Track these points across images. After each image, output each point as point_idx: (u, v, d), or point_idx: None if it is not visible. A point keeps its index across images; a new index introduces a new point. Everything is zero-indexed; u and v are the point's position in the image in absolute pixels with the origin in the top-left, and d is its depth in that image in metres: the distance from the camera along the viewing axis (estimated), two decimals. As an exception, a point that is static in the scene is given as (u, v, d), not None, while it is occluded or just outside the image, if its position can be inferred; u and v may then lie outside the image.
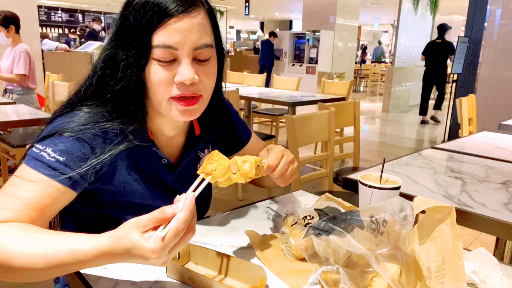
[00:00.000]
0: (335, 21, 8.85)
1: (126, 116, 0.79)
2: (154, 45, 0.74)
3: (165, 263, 0.59)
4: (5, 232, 0.64)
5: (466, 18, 5.56)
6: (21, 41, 3.70)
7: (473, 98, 3.13)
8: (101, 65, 0.79)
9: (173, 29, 0.73)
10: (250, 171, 0.75)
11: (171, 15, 0.73)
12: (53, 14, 15.37)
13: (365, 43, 20.38)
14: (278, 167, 0.84)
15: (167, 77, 0.75)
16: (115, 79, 0.77)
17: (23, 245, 0.62)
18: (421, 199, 0.61)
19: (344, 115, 2.32)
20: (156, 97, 0.78)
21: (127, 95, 0.77)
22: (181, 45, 0.74)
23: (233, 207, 1.01)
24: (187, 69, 0.75)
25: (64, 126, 0.76)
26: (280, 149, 0.88)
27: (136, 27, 0.74)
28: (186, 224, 0.58)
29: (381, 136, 6.20)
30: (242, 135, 1.07)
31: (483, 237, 2.63)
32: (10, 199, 0.68)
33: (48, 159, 0.71)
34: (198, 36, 0.75)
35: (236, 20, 22.41)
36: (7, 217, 0.67)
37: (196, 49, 0.76)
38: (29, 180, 0.70)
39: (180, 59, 0.75)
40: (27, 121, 2.49)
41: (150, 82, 0.76)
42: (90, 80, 0.81)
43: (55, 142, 0.73)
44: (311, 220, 0.77)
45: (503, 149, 1.71)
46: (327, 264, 0.60)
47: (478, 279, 0.69)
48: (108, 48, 0.79)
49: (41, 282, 0.68)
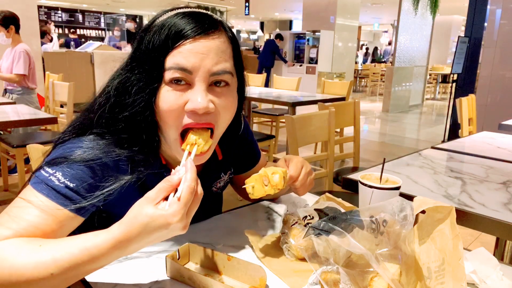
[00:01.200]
0: (335, 21, 8.84)
1: (137, 145, 0.74)
2: (167, 67, 0.69)
3: (186, 226, 0.59)
4: (8, 245, 0.61)
5: (466, 18, 5.56)
6: (21, 41, 3.70)
7: (473, 98, 3.13)
8: (114, 91, 0.74)
9: (188, 50, 0.68)
10: (280, 183, 0.78)
11: (188, 36, 0.68)
12: (53, 14, 15.37)
13: (365, 42, 20.38)
14: (299, 177, 0.86)
15: (178, 104, 0.69)
16: (126, 104, 0.72)
17: (30, 255, 0.59)
18: (421, 199, 0.61)
19: (344, 115, 2.32)
20: (165, 129, 0.73)
21: (138, 122, 0.72)
22: (196, 68, 0.68)
23: (233, 207, 1.01)
24: (201, 96, 0.69)
25: (75, 151, 0.71)
26: (300, 160, 0.90)
27: (150, 49, 0.70)
28: (196, 182, 0.58)
29: (381, 136, 6.20)
30: (256, 154, 1.06)
31: (483, 237, 2.62)
32: (14, 221, 0.64)
33: (57, 184, 0.67)
34: (216, 61, 0.70)
35: (236, 20, 22.39)
36: (10, 236, 0.63)
37: (212, 75, 0.70)
38: (36, 204, 0.65)
39: (194, 84, 0.69)
40: (27, 121, 2.49)
41: (161, 108, 0.70)
42: (102, 106, 0.75)
43: (65, 167, 0.69)
44: (311, 220, 0.77)
45: (503, 149, 1.71)
46: (327, 264, 0.60)
47: (478, 279, 0.69)
48: (123, 73, 0.74)
49: None
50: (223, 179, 0.97)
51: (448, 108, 5.63)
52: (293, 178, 0.85)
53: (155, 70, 0.69)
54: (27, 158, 2.76)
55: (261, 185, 0.78)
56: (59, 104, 3.66)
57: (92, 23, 16.44)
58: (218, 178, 0.95)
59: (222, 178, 0.96)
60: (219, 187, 0.98)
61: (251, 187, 0.78)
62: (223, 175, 0.96)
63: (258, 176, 0.78)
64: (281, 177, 0.78)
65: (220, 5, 14.05)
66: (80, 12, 16.09)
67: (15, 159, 2.75)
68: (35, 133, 3.41)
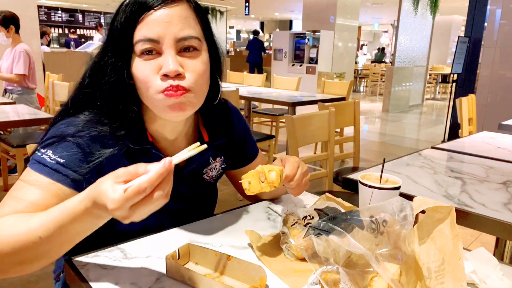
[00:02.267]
0: (335, 21, 8.84)
1: (121, 119, 0.80)
2: (135, 41, 0.74)
3: (126, 218, 0.58)
4: (6, 220, 0.66)
5: (466, 18, 5.56)
6: (21, 41, 3.70)
7: (473, 98, 3.13)
8: (89, 72, 0.81)
9: (152, 21, 0.73)
10: (276, 180, 0.78)
11: (150, 8, 0.73)
12: (53, 14, 15.37)
13: (365, 42, 20.37)
14: (295, 177, 0.87)
15: (152, 71, 0.75)
16: (103, 82, 0.78)
17: (22, 223, 0.64)
18: (421, 199, 0.61)
19: (344, 115, 2.32)
20: (146, 96, 0.77)
21: (117, 97, 0.78)
22: (162, 36, 0.73)
23: (233, 207, 1.01)
24: (171, 60, 0.73)
25: (64, 131, 0.77)
26: (296, 160, 0.91)
27: (119, 28, 0.75)
28: (150, 185, 0.56)
29: (381, 136, 6.20)
30: (251, 152, 1.08)
31: (483, 237, 2.63)
32: (14, 200, 0.70)
33: (49, 161, 0.73)
34: (180, 27, 0.75)
35: (236, 20, 22.40)
36: (11, 213, 0.69)
37: (179, 41, 0.75)
38: (33, 183, 0.72)
39: (163, 51, 0.74)
40: (27, 121, 2.49)
41: (137, 80, 0.76)
42: (79, 89, 0.83)
43: (55, 145, 0.75)
44: (311, 220, 0.77)
45: (503, 149, 1.71)
46: (327, 264, 0.60)
47: (478, 279, 0.69)
48: (98, 54, 0.80)
49: (42, 281, 0.68)
50: (214, 166, 0.98)
51: (448, 108, 5.63)
52: (289, 178, 0.86)
53: (125, 45, 0.75)
54: (27, 158, 2.76)
55: (257, 181, 0.78)
56: (59, 104, 3.66)
57: (92, 23, 16.44)
58: (207, 164, 0.96)
59: (212, 164, 0.97)
60: (211, 176, 0.99)
61: (247, 182, 0.79)
62: (212, 161, 0.97)
63: (255, 172, 0.79)
64: (277, 174, 0.79)
65: (220, 5, 14.05)
66: (80, 12, 16.09)
67: (15, 159, 2.76)
68: (35, 133, 3.41)
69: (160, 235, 0.84)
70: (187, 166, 0.92)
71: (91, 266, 0.72)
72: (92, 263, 0.73)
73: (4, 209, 0.70)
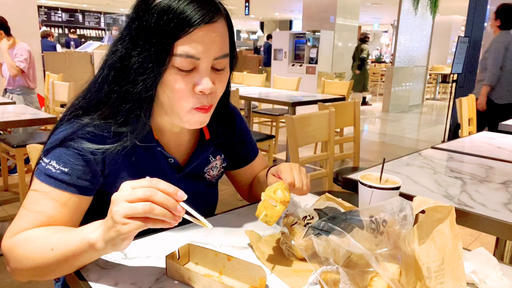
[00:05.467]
0: (335, 21, 8.83)
1: (132, 118, 0.78)
2: (176, 53, 0.72)
3: (121, 215, 0.59)
4: (28, 237, 0.70)
5: (466, 18, 5.56)
6: (16, 41, 3.70)
7: (473, 98, 3.13)
8: (114, 67, 0.76)
9: (197, 40, 0.72)
10: (285, 195, 0.77)
11: (196, 25, 0.71)
12: (53, 14, 15.37)
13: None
14: (296, 180, 0.84)
15: (188, 85, 0.75)
16: (128, 82, 0.75)
17: (43, 242, 0.68)
18: (420, 199, 0.61)
19: (344, 115, 2.32)
20: (175, 105, 0.77)
21: (138, 99, 0.76)
22: (204, 55, 0.74)
23: (233, 207, 1.01)
24: (208, 79, 0.75)
25: (66, 137, 0.77)
26: (285, 165, 0.88)
27: (157, 32, 0.71)
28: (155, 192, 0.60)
29: (381, 136, 6.20)
30: (250, 152, 1.08)
31: (483, 237, 2.63)
32: (29, 213, 0.73)
33: (54, 172, 0.74)
34: (220, 47, 0.76)
35: (236, 20, 22.38)
36: (28, 228, 0.72)
37: (216, 59, 0.76)
38: (44, 195, 0.74)
39: (200, 68, 0.75)
40: (27, 121, 2.49)
41: (169, 90, 0.75)
42: (99, 85, 0.79)
43: (58, 154, 0.76)
44: (311, 220, 0.77)
45: (503, 149, 1.71)
46: (327, 264, 0.60)
47: (478, 279, 0.69)
48: (120, 50, 0.75)
49: (41, 281, 0.69)
50: (215, 165, 0.98)
51: (448, 108, 5.63)
52: (292, 184, 0.84)
53: (163, 53, 0.72)
54: (27, 158, 2.76)
55: (271, 209, 0.75)
56: (59, 104, 3.66)
57: (92, 23, 16.44)
58: (208, 162, 0.97)
59: (213, 163, 0.98)
60: (212, 176, 0.99)
61: (264, 216, 0.76)
62: (213, 159, 0.97)
63: (264, 203, 0.76)
64: (282, 190, 0.78)
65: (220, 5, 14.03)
66: (80, 12, 16.09)
67: (15, 159, 2.75)
68: (35, 133, 3.41)
69: (160, 235, 0.84)
70: (189, 164, 0.92)
71: (91, 266, 0.72)
72: (92, 263, 0.72)
73: (22, 223, 0.72)
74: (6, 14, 3.83)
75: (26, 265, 0.69)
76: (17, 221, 0.73)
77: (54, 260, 0.66)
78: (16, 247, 0.70)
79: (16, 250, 0.70)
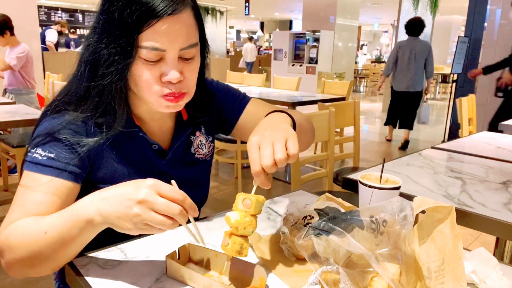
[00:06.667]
0: (335, 21, 8.84)
1: (108, 109, 0.80)
2: (142, 45, 0.73)
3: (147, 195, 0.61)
4: (18, 226, 0.70)
5: (466, 18, 5.56)
6: (18, 41, 3.70)
7: (473, 98, 3.13)
8: (88, 61, 0.78)
9: (161, 31, 0.72)
10: (253, 205, 0.67)
11: (160, 16, 0.71)
12: (53, 14, 15.36)
13: (365, 42, 20.35)
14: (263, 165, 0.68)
15: (155, 76, 0.76)
16: (99, 76, 0.77)
17: (35, 226, 0.69)
18: (421, 199, 0.61)
19: (344, 115, 2.32)
20: (144, 94, 0.79)
21: (110, 91, 0.78)
22: (169, 46, 0.74)
23: (233, 207, 1.01)
24: (174, 69, 0.76)
25: (50, 128, 0.78)
26: (253, 142, 0.72)
27: (121, 24, 0.72)
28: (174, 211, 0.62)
29: (381, 136, 6.20)
30: (232, 109, 1.03)
31: (483, 237, 2.63)
32: (20, 204, 0.73)
33: (41, 159, 0.75)
34: (186, 38, 0.76)
35: (236, 20, 22.40)
36: (21, 218, 0.72)
37: (182, 50, 0.76)
38: (32, 184, 0.74)
39: (167, 59, 0.75)
40: (27, 121, 2.48)
41: (137, 80, 0.77)
42: (78, 81, 0.82)
43: (43, 142, 0.77)
44: (311, 220, 0.77)
45: (503, 149, 1.71)
46: (327, 264, 0.60)
47: (478, 279, 0.69)
48: (92, 44, 0.78)
49: (42, 281, 0.69)
50: (199, 142, 0.98)
51: (448, 108, 5.63)
52: (258, 174, 0.69)
53: (128, 45, 0.73)
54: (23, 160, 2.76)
55: (246, 222, 0.67)
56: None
57: (92, 23, 16.42)
58: (190, 143, 0.97)
59: (196, 140, 0.98)
60: (204, 154, 1.00)
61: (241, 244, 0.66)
62: (193, 137, 0.97)
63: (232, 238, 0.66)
64: (252, 201, 0.67)
65: (220, 5, 14.05)
66: (80, 12, 16.07)
67: (15, 159, 2.76)
68: (35, 133, 3.41)
69: (160, 235, 0.84)
70: (171, 148, 0.92)
71: (91, 266, 0.72)
72: (92, 263, 0.73)
73: (13, 216, 0.72)
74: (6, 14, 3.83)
75: (22, 254, 0.67)
76: (9, 215, 0.73)
77: (49, 243, 0.66)
78: (9, 237, 0.69)
79: (9, 239, 0.69)
